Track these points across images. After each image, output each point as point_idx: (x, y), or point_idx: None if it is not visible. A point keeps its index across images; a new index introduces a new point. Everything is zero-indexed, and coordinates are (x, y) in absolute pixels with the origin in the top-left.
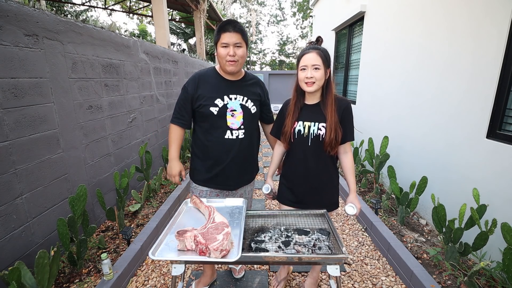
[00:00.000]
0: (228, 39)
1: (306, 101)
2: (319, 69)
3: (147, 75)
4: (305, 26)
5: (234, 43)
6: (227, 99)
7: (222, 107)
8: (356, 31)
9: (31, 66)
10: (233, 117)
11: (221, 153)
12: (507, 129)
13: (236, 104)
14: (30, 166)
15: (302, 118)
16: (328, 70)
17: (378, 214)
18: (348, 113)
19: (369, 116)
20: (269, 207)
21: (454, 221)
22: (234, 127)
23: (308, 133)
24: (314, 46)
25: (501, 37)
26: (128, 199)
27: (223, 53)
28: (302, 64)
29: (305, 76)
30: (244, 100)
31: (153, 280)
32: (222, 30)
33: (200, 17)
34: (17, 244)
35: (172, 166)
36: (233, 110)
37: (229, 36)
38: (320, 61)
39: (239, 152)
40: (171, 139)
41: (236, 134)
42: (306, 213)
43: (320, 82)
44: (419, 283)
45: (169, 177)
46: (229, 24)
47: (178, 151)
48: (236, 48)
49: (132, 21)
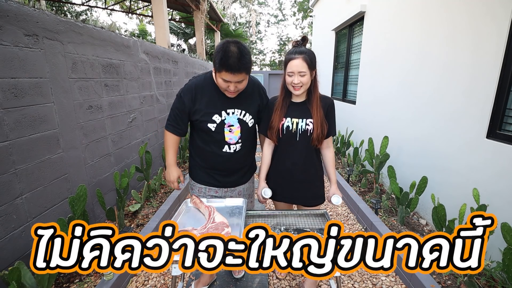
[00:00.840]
0: (230, 78)
1: (293, 99)
2: (305, 74)
3: (147, 75)
4: (305, 26)
5: (237, 81)
6: (224, 114)
7: (219, 123)
8: (356, 31)
9: (31, 66)
10: (231, 132)
11: (219, 164)
12: (507, 129)
13: (233, 119)
14: (30, 166)
15: (290, 115)
16: (313, 72)
17: (378, 214)
18: (332, 110)
19: (369, 116)
20: (269, 207)
21: (454, 221)
22: (232, 142)
23: (296, 129)
24: (299, 50)
25: (501, 37)
26: (128, 199)
27: (223, 85)
28: (289, 70)
29: (292, 82)
30: (242, 114)
31: (153, 280)
32: (225, 68)
33: (200, 17)
34: (17, 244)
35: (170, 172)
36: (231, 125)
37: (232, 76)
38: (306, 67)
39: (236, 162)
40: (167, 146)
41: (234, 148)
42: (306, 213)
43: (306, 85)
44: (419, 283)
45: (168, 183)
46: (234, 62)
47: (175, 157)
48: (238, 83)
49: (132, 21)
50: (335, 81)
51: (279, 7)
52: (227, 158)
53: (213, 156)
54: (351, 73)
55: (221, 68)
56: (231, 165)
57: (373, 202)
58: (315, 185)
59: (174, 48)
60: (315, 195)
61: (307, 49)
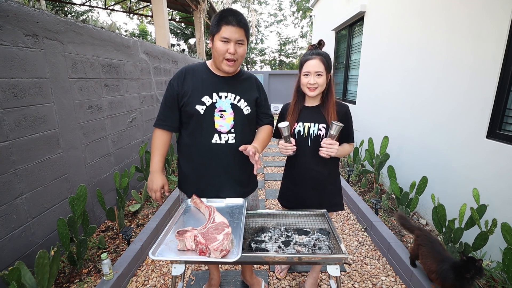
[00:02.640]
0: (230, 34)
1: (305, 103)
2: (322, 75)
3: (147, 75)
4: (303, 26)
5: (237, 40)
6: (216, 97)
7: (209, 105)
8: (356, 31)
9: (31, 66)
10: (222, 118)
11: (208, 160)
12: (507, 129)
13: (226, 103)
14: (30, 166)
15: (302, 120)
16: (329, 75)
17: (378, 214)
18: (348, 118)
19: (369, 116)
20: (269, 207)
21: (454, 221)
22: (223, 130)
23: (308, 134)
24: (317, 52)
25: (501, 37)
26: (128, 199)
27: (222, 49)
28: (305, 70)
29: (308, 82)
30: (236, 99)
31: (153, 280)
32: (224, 22)
33: (200, 17)
34: (17, 244)
35: (153, 180)
36: (222, 110)
37: (232, 30)
38: (323, 67)
39: (230, 160)
40: (154, 147)
41: (225, 139)
42: (306, 213)
43: (322, 87)
44: (419, 283)
45: (149, 192)
46: (233, 15)
47: (162, 162)
48: (238, 46)
49: (132, 21)
50: (335, 81)
51: (278, 7)
52: (217, 152)
53: (201, 150)
54: (351, 73)
55: (221, 22)
56: (223, 164)
57: (373, 202)
58: (331, 192)
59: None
60: (331, 203)
61: (324, 51)
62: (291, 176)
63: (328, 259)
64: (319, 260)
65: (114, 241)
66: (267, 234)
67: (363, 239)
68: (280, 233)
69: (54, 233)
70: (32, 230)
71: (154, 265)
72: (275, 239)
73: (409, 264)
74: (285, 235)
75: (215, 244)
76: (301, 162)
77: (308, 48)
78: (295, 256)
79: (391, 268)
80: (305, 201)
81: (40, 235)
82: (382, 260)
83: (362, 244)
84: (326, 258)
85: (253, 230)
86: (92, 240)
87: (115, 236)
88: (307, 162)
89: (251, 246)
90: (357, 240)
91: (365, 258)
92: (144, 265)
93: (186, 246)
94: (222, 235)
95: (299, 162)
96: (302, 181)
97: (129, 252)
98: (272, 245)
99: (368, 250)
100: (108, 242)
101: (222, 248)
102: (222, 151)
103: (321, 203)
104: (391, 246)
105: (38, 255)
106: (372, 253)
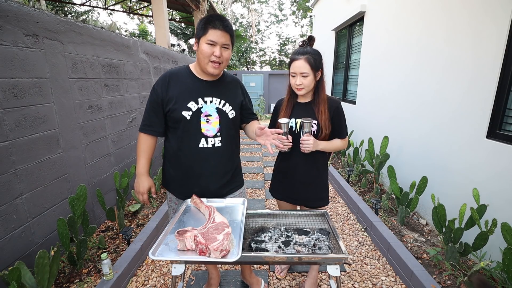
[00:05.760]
0: (217, 38)
1: (298, 100)
2: (307, 76)
3: (147, 75)
4: (303, 25)
5: (223, 43)
6: (201, 102)
7: (195, 111)
8: (356, 31)
9: (31, 66)
10: (208, 123)
11: (195, 164)
12: (507, 129)
13: (211, 108)
14: (30, 166)
15: (294, 116)
16: (318, 73)
17: (378, 214)
18: (339, 112)
19: (369, 116)
20: (269, 207)
21: (454, 221)
22: (210, 134)
23: (300, 129)
24: (303, 51)
25: (501, 37)
26: (128, 199)
27: (208, 51)
28: (291, 71)
29: (295, 83)
30: (222, 103)
31: (153, 280)
32: (211, 25)
33: (200, 17)
34: (17, 244)
35: (140, 182)
36: (208, 115)
37: (218, 34)
38: (308, 68)
39: (217, 163)
40: (139, 151)
41: (212, 142)
42: (306, 213)
43: (308, 87)
44: (419, 283)
45: (136, 195)
46: (220, 20)
47: (148, 165)
48: (223, 50)
49: (132, 21)
50: (335, 81)
51: (278, 7)
52: (205, 156)
53: (188, 154)
54: (351, 73)
55: (207, 26)
56: (210, 168)
57: (373, 202)
58: (318, 186)
59: (174, 48)
60: (318, 197)
61: (312, 49)
62: (282, 169)
63: (328, 259)
64: (319, 260)
65: (114, 241)
66: (267, 234)
67: (363, 239)
68: (280, 233)
69: (54, 233)
70: (32, 230)
71: (154, 265)
72: (275, 239)
73: (409, 264)
74: (285, 235)
75: (215, 244)
76: (292, 157)
77: (299, 45)
78: (295, 256)
79: (391, 268)
80: (294, 194)
81: (40, 235)
82: (382, 260)
83: (362, 244)
84: (326, 258)
85: (253, 230)
86: (92, 240)
87: (115, 236)
88: (297, 157)
89: (251, 246)
90: (357, 240)
91: (365, 258)
92: (144, 265)
93: (186, 246)
94: (222, 235)
95: (290, 156)
96: (292, 175)
97: (129, 252)
98: (272, 245)
99: (368, 250)
100: (108, 242)
101: (222, 248)
102: (209, 154)
103: (308, 198)
104: (391, 246)
105: (38, 255)
106: (372, 253)
